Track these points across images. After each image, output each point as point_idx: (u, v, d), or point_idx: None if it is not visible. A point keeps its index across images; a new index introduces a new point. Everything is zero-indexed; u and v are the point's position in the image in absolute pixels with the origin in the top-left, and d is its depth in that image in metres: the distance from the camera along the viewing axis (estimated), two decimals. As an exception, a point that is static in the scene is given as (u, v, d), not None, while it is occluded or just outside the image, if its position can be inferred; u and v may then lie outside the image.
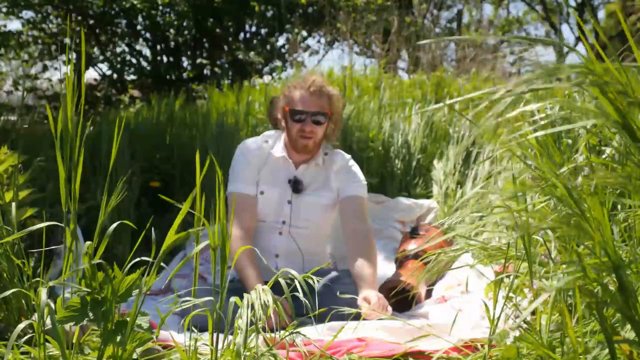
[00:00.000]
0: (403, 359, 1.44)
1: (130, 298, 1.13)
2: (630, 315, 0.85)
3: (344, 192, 2.24)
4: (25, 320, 1.18)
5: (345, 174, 2.27)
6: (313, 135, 2.19)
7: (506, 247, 1.38)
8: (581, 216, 0.88)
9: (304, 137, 2.19)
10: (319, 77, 2.23)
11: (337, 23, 6.38)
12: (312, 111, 2.17)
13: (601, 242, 0.85)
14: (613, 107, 0.83)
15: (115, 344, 1.07)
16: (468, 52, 6.25)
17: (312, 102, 2.17)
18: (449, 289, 2.20)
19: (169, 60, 7.86)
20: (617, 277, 0.87)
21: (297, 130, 2.18)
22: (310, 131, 2.18)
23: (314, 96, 2.17)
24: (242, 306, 1.23)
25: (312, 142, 2.21)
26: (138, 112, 5.06)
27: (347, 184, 2.25)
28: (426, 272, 1.79)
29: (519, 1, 25.88)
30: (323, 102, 2.19)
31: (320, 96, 2.18)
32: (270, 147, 2.29)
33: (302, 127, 2.17)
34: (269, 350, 1.25)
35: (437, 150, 3.78)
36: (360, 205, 2.22)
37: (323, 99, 2.19)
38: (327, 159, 2.30)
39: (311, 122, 2.17)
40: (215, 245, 1.17)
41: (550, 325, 1.16)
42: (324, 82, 2.23)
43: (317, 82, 2.19)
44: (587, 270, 0.92)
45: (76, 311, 1.08)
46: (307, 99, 2.17)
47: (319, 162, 2.27)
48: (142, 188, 3.20)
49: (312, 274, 1.45)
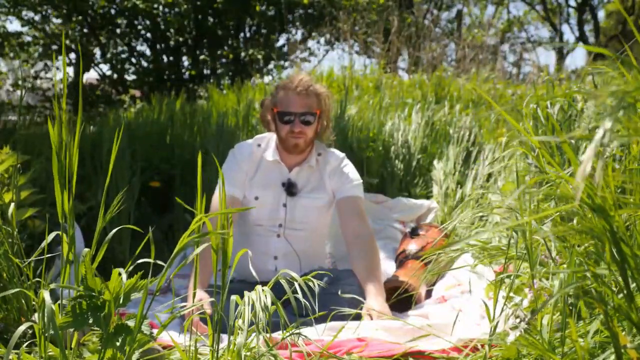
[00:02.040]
0: (403, 359, 1.44)
1: (129, 302, 1.13)
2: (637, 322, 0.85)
3: (340, 193, 2.23)
4: (25, 321, 1.18)
5: (340, 176, 2.25)
6: (302, 135, 2.18)
7: (506, 247, 1.38)
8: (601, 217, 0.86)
9: (294, 137, 2.18)
10: (305, 76, 2.21)
11: (338, 23, 6.37)
12: (300, 112, 2.15)
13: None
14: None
15: (115, 348, 1.07)
16: (468, 52, 6.25)
17: (299, 103, 2.16)
18: (449, 289, 2.19)
19: (170, 59, 7.86)
20: (624, 283, 0.87)
21: (287, 131, 2.17)
22: (299, 132, 2.16)
23: (301, 96, 2.16)
24: (242, 305, 1.23)
25: (303, 141, 2.20)
26: (138, 112, 5.06)
27: (342, 185, 2.23)
28: (426, 273, 1.79)
29: (519, 1, 25.86)
30: (311, 102, 2.17)
31: (308, 96, 2.17)
32: (263, 150, 2.28)
33: (291, 129, 2.16)
34: (269, 350, 1.25)
35: (437, 150, 3.78)
36: (357, 205, 2.21)
37: (311, 99, 2.17)
38: (321, 159, 2.29)
39: (300, 122, 2.15)
40: (217, 248, 1.17)
41: (550, 325, 1.16)
42: (311, 80, 2.21)
43: (304, 82, 2.17)
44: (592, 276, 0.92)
45: (76, 316, 1.08)
46: (294, 100, 2.16)
47: (312, 164, 2.26)
48: (142, 188, 3.20)
49: (312, 274, 1.45)
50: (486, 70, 6.04)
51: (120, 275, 1.09)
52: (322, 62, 9.11)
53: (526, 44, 18.66)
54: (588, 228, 0.88)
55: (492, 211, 1.33)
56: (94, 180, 3.11)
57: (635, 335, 0.93)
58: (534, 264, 1.17)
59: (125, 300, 1.09)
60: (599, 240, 0.89)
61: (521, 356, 1.19)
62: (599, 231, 0.86)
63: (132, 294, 1.10)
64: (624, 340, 0.88)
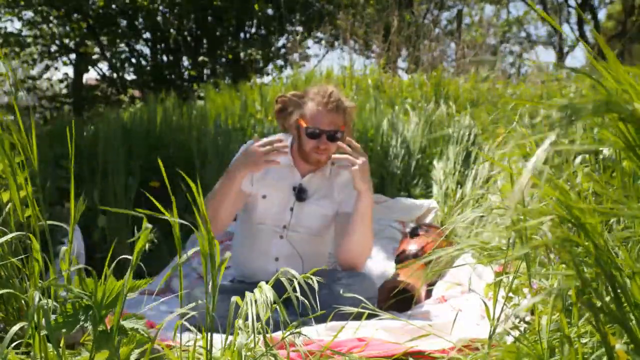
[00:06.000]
0: (403, 358, 1.44)
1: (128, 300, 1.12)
2: (626, 326, 0.85)
3: (345, 206, 2.20)
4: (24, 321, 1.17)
5: (352, 190, 2.18)
6: (327, 152, 2.15)
7: (506, 247, 1.37)
8: (577, 223, 0.87)
9: (318, 153, 2.16)
10: (335, 89, 2.17)
11: (337, 22, 6.38)
12: (328, 129, 2.12)
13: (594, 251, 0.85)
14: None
15: (110, 349, 1.06)
16: (467, 52, 6.25)
17: (329, 120, 2.12)
18: (449, 289, 2.19)
19: (169, 59, 7.86)
20: (611, 286, 0.87)
21: (312, 147, 2.14)
22: (325, 149, 2.13)
23: (331, 113, 2.12)
24: (242, 305, 1.23)
25: (326, 157, 2.17)
26: (135, 112, 5.05)
27: (349, 199, 2.19)
28: (426, 273, 1.78)
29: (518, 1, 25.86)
30: (339, 119, 2.14)
31: (337, 112, 2.13)
32: None
33: (317, 144, 2.13)
34: (269, 350, 1.24)
35: (437, 150, 3.77)
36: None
37: (339, 115, 2.14)
38: (334, 169, 2.25)
39: (326, 139, 2.13)
40: (205, 252, 1.16)
41: (550, 325, 1.16)
42: (340, 94, 2.17)
43: (334, 96, 2.13)
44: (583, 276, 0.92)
45: (69, 317, 1.07)
46: (324, 116, 2.12)
47: (326, 173, 2.24)
48: (140, 188, 3.20)
49: (312, 274, 1.45)
50: (485, 70, 6.04)
51: (112, 275, 1.08)
52: (321, 62, 9.11)
53: (525, 43, 18.68)
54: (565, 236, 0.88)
55: (491, 212, 1.33)
56: (90, 180, 3.10)
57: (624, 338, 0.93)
58: (531, 265, 1.16)
59: (114, 301, 1.08)
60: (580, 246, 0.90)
61: (521, 356, 1.19)
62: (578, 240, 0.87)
63: (128, 294, 1.10)
64: (613, 341, 0.88)
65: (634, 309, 0.87)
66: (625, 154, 0.90)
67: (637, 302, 0.87)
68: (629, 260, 0.92)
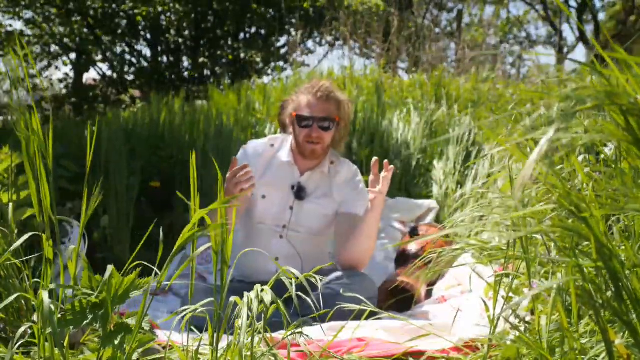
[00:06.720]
0: (403, 358, 1.44)
1: (129, 299, 1.13)
2: (626, 320, 0.85)
3: (346, 207, 2.21)
4: (25, 321, 1.18)
5: (352, 190, 2.23)
6: (320, 141, 2.17)
7: (506, 247, 1.38)
8: (579, 218, 0.88)
9: (311, 142, 2.17)
10: (327, 82, 2.21)
11: (337, 23, 6.38)
12: (319, 117, 2.15)
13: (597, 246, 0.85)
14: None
15: (114, 347, 1.07)
16: (468, 52, 6.25)
17: (319, 108, 2.15)
18: (449, 288, 2.20)
19: (169, 60, 7.87)
20: (612, 282, 0.87)
21: (304, 136, 2.16)
22: (317, 137, 2.15)
23: (321, 101, 2.15)
24: (242, 305, 1.23)
25: (320, 147, 2.19)
26: (137, 112, 5.06)
27: (351, 199, 2.21)
28: (426, 273, 1.78)
29: (519, 1, 25.88)
30: (331, 108, 2.17)
31: (328, 101, 2.16)
32: (276, 151, 2.27)
33: (309, 133, 2.15)
34: (270, 350, 1.25)
35: (437, 150, 3.78)
36: (357, 224, 2.18)
37: (331, 105, 2.17)
38: (333, 168, 2.27)
39: (318, 127, 2.15)
40: (217, 248, 1.17)
41: (550, 325, 1.16)
42: (333, 87, 2.21)
43: (325, 88, 2.17)
44: (584, 273, 0.92)
45: (75, 314, 1.08)
46: (314, 104, 2.15)
47: (325, 171, 2.25)
48: (142, 188, 3.20)
49: (313, 274, 1.45)
50: (485, 70, 6.04)
51: (119, 273, 1.08)
52: (322, 62, 9.11)
53: (525, 43, 18.67)
54: (572, 227, 0.88)
55: (491, 211, 1.33)
56: (91, 179, 3.11)
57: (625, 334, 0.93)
58: (531, 263, 1.17)
59: (123, 297, 1.09)
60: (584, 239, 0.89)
61: (521, 356, 1.19)
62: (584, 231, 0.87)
63: (132, 292, 1.10)
64: (613, 336, 0.88)
65: (636, 304, 0.86)
66: (626, 147, 0.90)
67: (637, 297, 0.87)
68: (630, 252, 0.92)
